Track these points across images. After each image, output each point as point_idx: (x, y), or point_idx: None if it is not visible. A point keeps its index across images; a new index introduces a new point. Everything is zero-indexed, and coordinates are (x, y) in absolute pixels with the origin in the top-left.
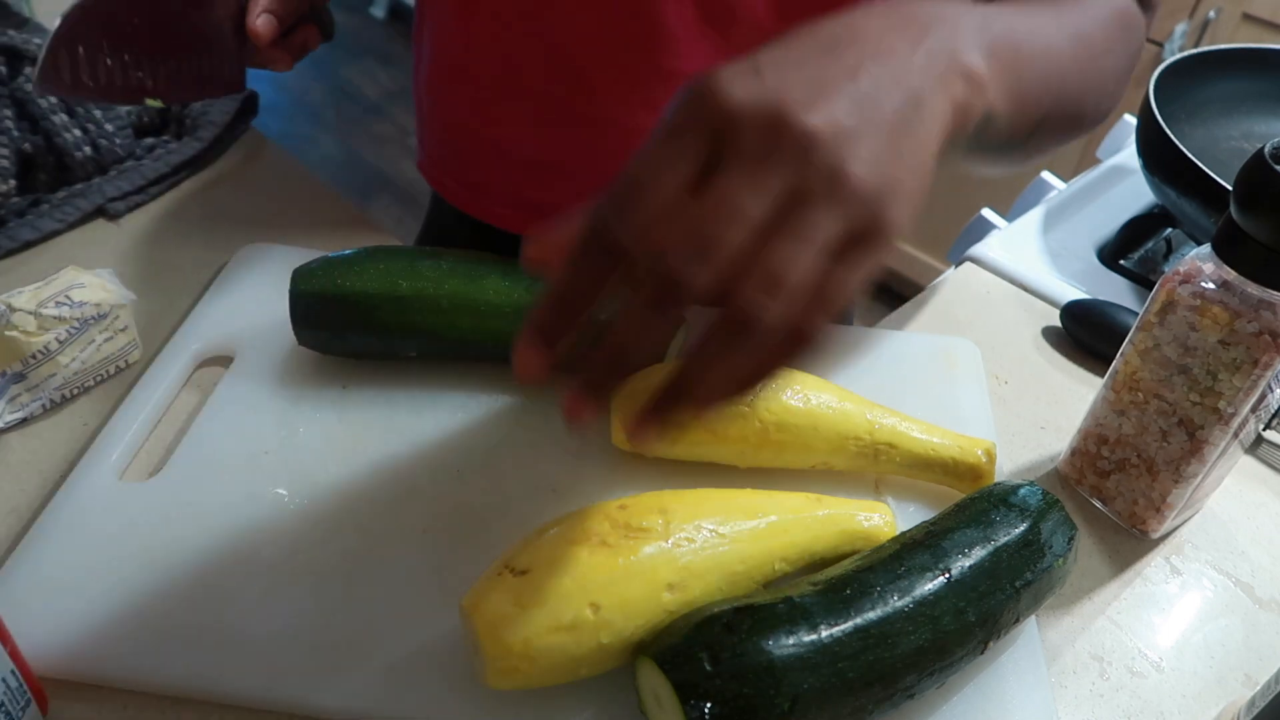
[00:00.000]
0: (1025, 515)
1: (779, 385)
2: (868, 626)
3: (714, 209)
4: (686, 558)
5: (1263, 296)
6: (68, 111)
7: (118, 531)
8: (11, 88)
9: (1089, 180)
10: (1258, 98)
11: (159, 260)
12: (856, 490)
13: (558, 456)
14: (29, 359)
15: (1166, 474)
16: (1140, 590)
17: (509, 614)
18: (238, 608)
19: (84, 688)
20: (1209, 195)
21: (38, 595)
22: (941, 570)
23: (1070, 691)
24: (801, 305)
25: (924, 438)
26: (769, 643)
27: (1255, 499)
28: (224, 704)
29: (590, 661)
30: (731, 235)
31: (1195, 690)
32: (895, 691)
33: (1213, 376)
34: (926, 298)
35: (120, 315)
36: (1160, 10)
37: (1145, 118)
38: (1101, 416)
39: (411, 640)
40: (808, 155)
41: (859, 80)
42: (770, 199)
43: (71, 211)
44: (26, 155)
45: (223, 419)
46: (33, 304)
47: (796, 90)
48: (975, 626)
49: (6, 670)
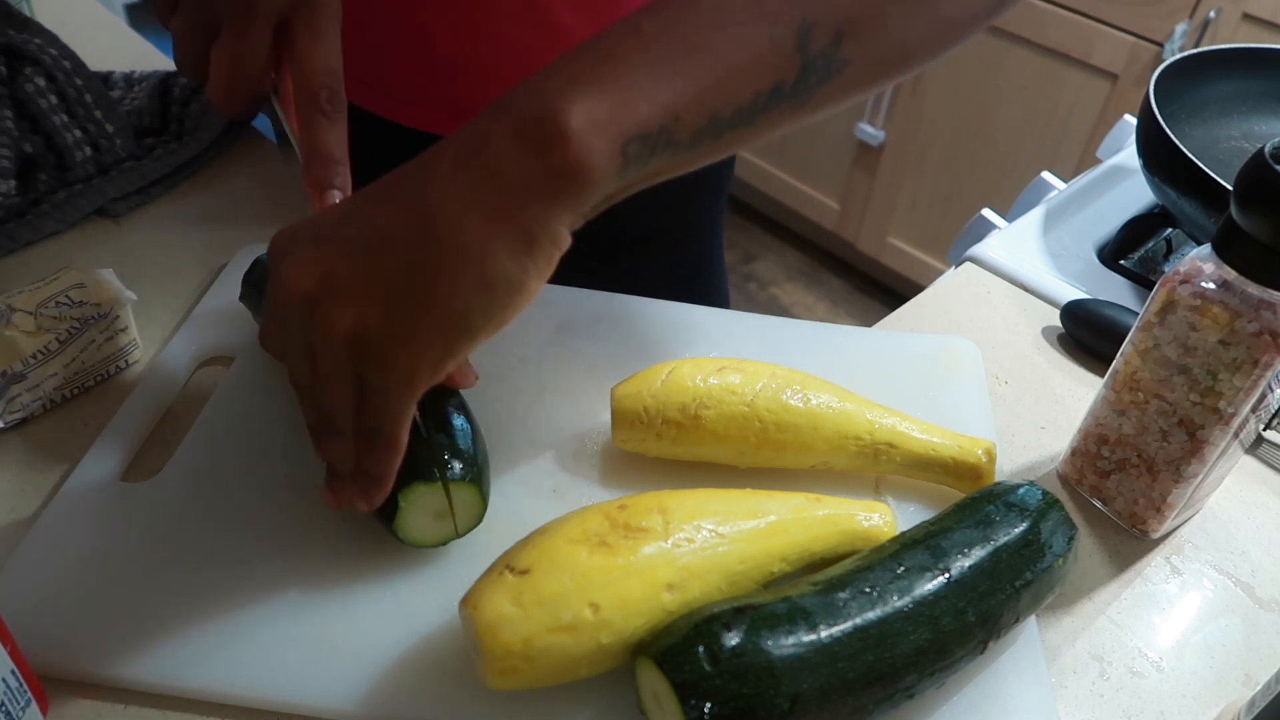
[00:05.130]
0: (1025, 515)
1: (779, 386)
2: (867, 626)
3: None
4: (686, 558)
5: (1263, 296)
6: (68, 111)
7: (118, 531)
8: (11, 88)
9: (1089, 180)
10: (1258, 98)
11: (159, 260)
12: (856, 490)
13: (558, 456)
14: (29, 359)
15: (1166, 474)
16: (1140, 590)
17: (509, 614)
18: (237, 608)
19: (84, 688)
20: (1209, 195)
21: (38, 595)
22: (941, 570)
23: (1070, 691)
24: (350, 430)
25: (924, 438)
26: (769, 643)
27: (1255, 499)
28: (224, 704)
29: (590, 661)
30: (300, 375)
31: (1195, 690)
32: (895, 691)
33: (1213, 376)
34: (926, 298)
35: (120, 315)
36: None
37: (1145, 118)
38: (1101, 416)
39: (411, 640)
40: (310, 319)
41: (365, 238)
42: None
43: (71, 211)
44: (26, 155)
45: (223, 419)
46: (33, 304)
47: (306, 264)
48: (975, 626)
49: (6, 670)
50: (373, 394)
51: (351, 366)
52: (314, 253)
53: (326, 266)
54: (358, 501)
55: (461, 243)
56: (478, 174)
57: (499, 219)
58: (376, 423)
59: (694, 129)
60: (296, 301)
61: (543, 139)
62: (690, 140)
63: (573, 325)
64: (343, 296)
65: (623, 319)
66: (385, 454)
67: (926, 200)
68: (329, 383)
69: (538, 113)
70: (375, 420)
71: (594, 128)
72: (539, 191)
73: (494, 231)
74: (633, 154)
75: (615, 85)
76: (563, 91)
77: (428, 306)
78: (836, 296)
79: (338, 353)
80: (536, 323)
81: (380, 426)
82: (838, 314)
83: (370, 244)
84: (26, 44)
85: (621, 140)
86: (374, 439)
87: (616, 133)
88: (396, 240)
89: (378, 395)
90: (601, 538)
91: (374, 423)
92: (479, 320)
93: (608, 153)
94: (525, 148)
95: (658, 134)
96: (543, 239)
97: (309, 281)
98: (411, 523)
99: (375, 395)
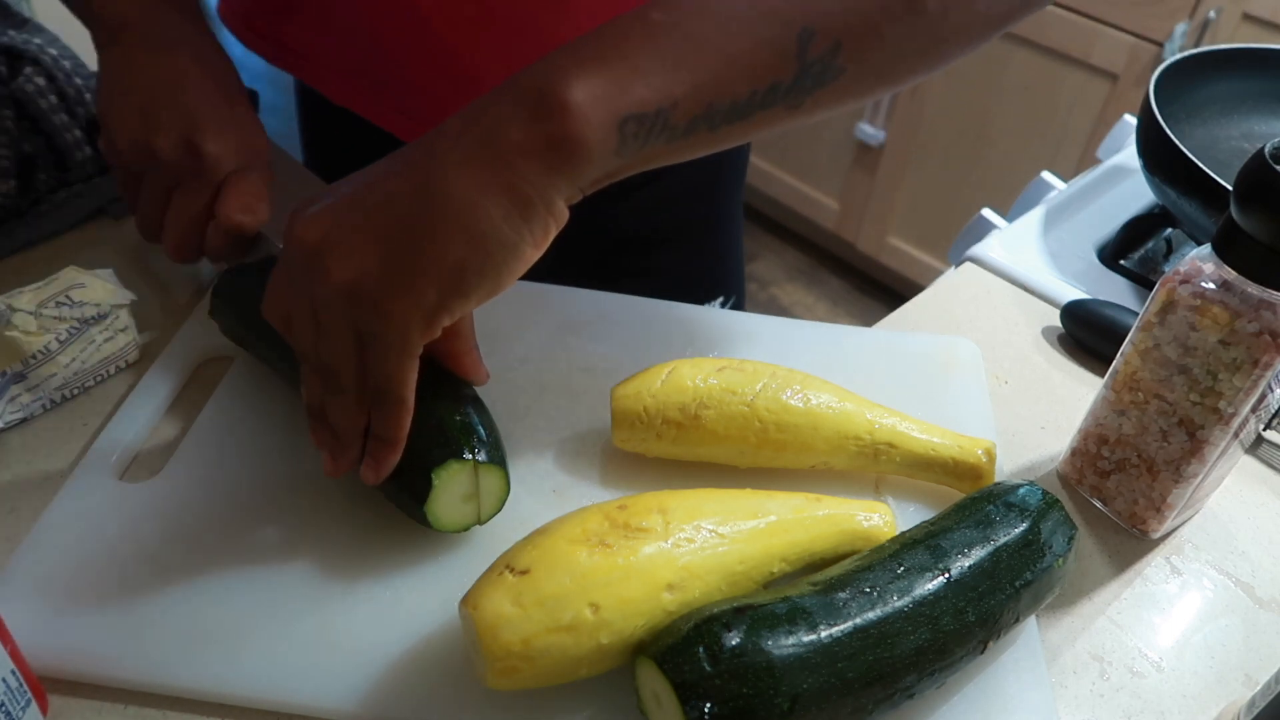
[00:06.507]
0: (1025, 515)
1: (779, 386)
2: (867, 626)
3: None
4: (686, 558)
5: (1263, 296)
6: (68, 111)
7: (118, 531)
8: (11, 88)
9: (1089, 180)
10: (1258, 98)
11: (159, 260)
12: (856, 490)
13: (558, 456)
14: (29, 359)
15: (1166, 474)
16: (1140, 590)
17: (508, 614)
18: (237, 607)
19: (84, 688)
20: (1209, 195)
21: (38, 595)
22: (941, 570)
23: (1070, 691)
24: (354, 377)
25: (924, 437)
26: (769, 643)
27: (1255, 499)
28: (224, 704)
29: (590, 661)
30: (303, 336)
31: (1195, 690)
32: (895, 691)
33: (1213, 376)
34: (926, 298)
35: (120, 315)
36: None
37: (1145, 118)
38: (1101, 416)
39: (411, 640)
40: (313, 270)
41: (368, 195)
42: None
43: (71, 212)
44: (26, 155)
45: (223, 419)
46: (33, 304)
47: (314, 219)
48: (975, 626)
49: (7, 670)
50: (372, 347)
51: (349, 317)
52: (323, 210)
53: (331, 221)
54: (366, 471)
55: (455, 197)
56: (478, 138)
57: (493, 178)
58: (380, 379)
59: (690, 117)
60: (301, 254)
61: (542, 108)
62: (686, 127)
63: (573, 325)
64: (343, 248)
65: (623, 319)
66: (394, 411)
67: (926, 200)
68: (330, 335)
69: (540, 85)
70: (378, 375)
71: (593, 102)
72: (535, 156)
73: (486, 189)
74: (629, 133)
75: (619, 66)
76: (566, 69)
77: (422, 259)
78: (836, 296)
79: (337, 302)
80: (536, 323)
81: (384, 384)
82: (838, 314)
83: (373, 201)
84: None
85: (618, 118)
86: (382, 399)
87: (614, 109)
88: (397, 196)
89: (377, 347)
90: (601, 538)
91: (377, 379)
92: (472, 278)
93: (605, 127)
94: (524, 115)
95: (654, 116)
96: (537, 204)
97: (315, 235)
98: (443, 503)
99: (374, 348)
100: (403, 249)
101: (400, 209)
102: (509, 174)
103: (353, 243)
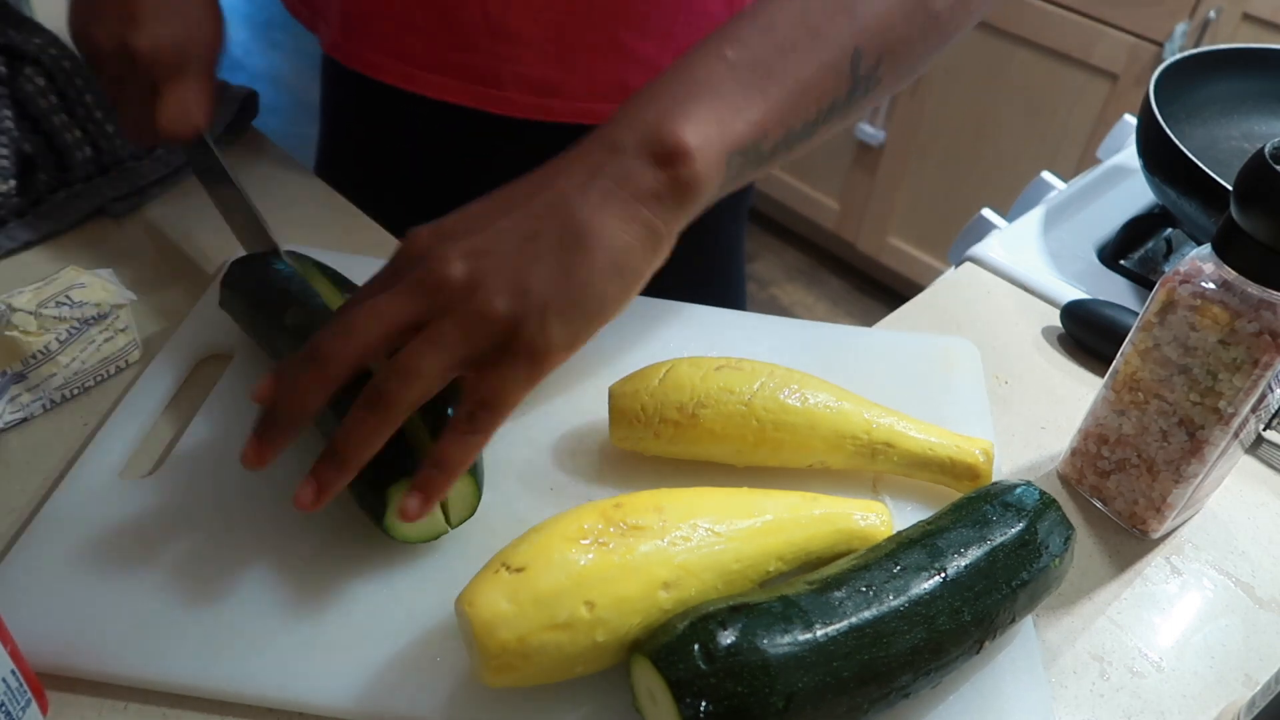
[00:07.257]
0: (1022, 515)
1: (777, 385)
2: (863, 625)
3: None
4: (682, 556)
5: (1263, 296)
6: (68, 111)
7: (117, 530)
8: (11, 88)
9: (1089, 180)
10: (1258, 98)
11: (159, 260)
12: (854, 489)
13: (555, 454)
14: (29, 359)
15: (1166, 474)
16: (1140, 590)
17: (504, 611)
18: (237, 606)
19: (84, 686)
20: (1209, 195)
21: (37, 594)
22: (937, 570)
23: (1070, 691)
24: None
25: (921, 437)
26: (764, 641)
27: (1255, 499)
28: (224, 703)
29: (585, 659)
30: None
31: (1195, 690)
32: (890, 691)
33: (1213, 376)
34: (926, 298)
35: (120, 315)
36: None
37: (1145, 118)
38: (1101, 416)
39: (408, 638)
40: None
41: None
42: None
43: (71, 211)
44: (26, 155)
45: (222, 416)
46: (33, 304)
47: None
48: (971, 626)
49: (6, 670)
50: (509, 366)
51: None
52: (466, 246)
53: (481, 257)
54: (411, 498)
55: (605, 237)
56: (612, 182)
57: (632, 219)
58: (499, 394)
59: (775, 142)
60: (451, 289)
61: (666, 155)
62: (771, 152)
63: None
64: (500, 280)
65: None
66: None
67: (926, 200)
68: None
69: (658, 133)
70: (499, 391)
71: (706, 143)
72: (664, 197)
73: (628, 228)
74: (734, 166)
75: (719, 106)
76: (673, 113)
77: (575, 288)
78: (836, 296)
79: (483, 327)
80: None
81: (500, 399)
82: (838, 314)
83: (522, 237)
84: (26, 44)
85: (726, 154)
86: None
87: (723, 147)
88: (545, 234)
89: (519, 367)
90: (598, 536)
91: (496, 394)
92: (611, 305)
93: (716, 165)
94: (652, 161)
95: (750, 148)
96: (664, 237)
97: (464, 270)
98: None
99: (513, 367)
100: (559, 279)
101: (553, 243)
102: (644, 214)
103: (509, 277)
